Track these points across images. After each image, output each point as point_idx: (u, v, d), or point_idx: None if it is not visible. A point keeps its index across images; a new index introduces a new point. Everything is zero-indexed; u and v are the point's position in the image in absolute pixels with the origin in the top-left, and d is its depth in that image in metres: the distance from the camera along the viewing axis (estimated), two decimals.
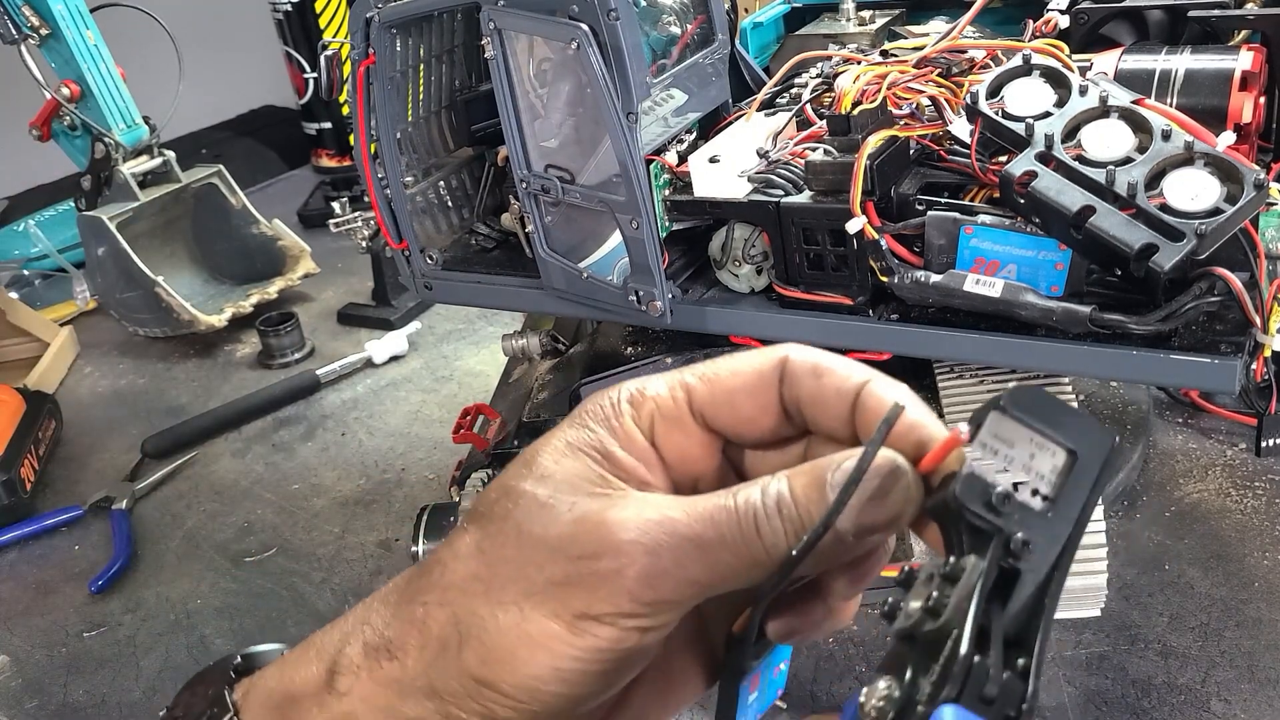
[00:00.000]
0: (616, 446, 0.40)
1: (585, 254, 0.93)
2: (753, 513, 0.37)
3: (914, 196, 0.82)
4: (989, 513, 0.33)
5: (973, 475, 0.34)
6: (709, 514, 0.37)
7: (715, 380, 0.41)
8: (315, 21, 2.21)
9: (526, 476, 0.40)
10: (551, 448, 0.40)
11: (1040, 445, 0.35)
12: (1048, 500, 0.35)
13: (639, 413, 0.41)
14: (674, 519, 0.37)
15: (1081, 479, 0.35)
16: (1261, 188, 0.71)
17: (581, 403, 0.42)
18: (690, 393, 0.41)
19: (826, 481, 0.37)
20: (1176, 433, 1.19)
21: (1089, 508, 0.35)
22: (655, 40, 0.93)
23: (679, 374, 0.42)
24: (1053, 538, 0.34)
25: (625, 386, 0.42)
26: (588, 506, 0.38)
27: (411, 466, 1.35)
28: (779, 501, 0.37)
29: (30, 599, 1.22)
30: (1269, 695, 0.88)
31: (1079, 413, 0.36)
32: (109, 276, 1.71)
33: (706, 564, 0.37)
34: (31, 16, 1.62)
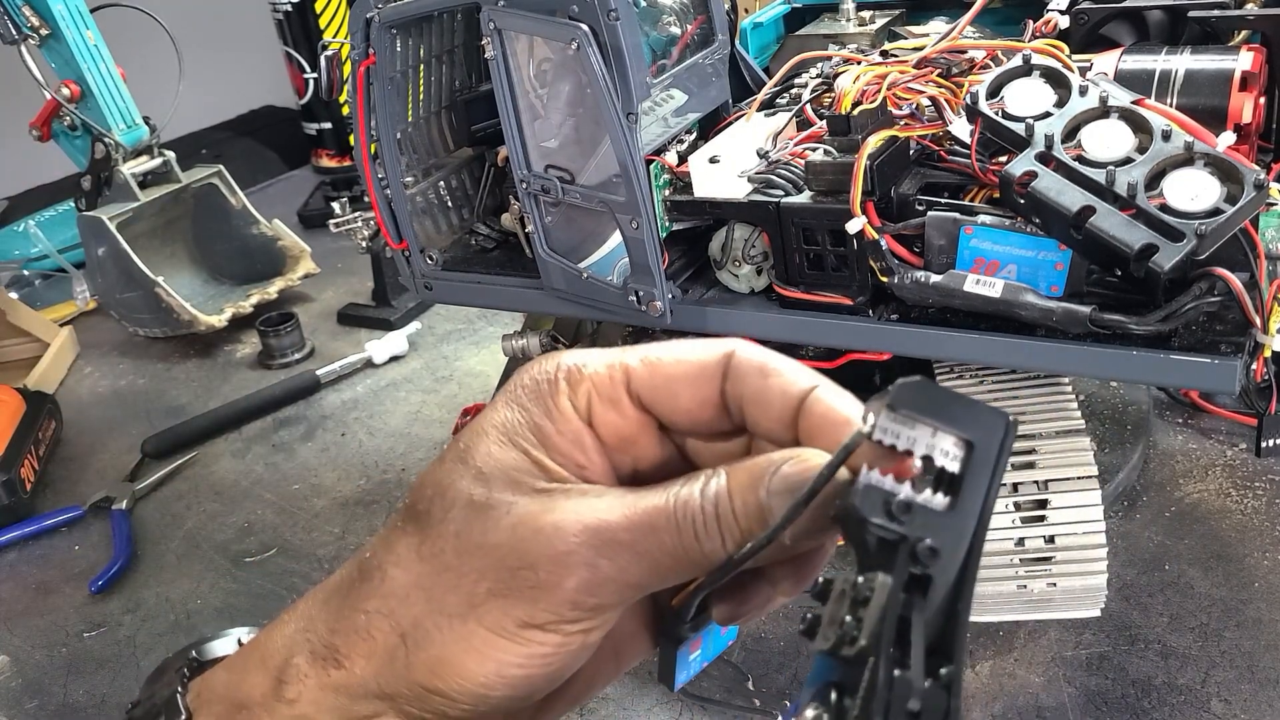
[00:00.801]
0: (551, 428, 0.39)
1: (585, 254, 0.93)
2: (691, 518, 0.36)
3: (914, 197, 0.83)
4: (891, 522, 0.32)
5: (870, 486, 0.33)
6: (647, 519, 0.36)
7: (656, 365, 0.40)
8: (315, 22, 2.21)
9: (463, 473, 0.39)
10: (486, 435, 0.39)
11: (937, 441, 0.34)
12: (949, 496, 0.33)
13: (575, 391, 0.39)
14: (611, 524, 0.36)
15: (980, 469, 0.33)
16: (1261, 188, 0.71)
17: (517, 373, 0.41)
18: (629, 374, 0.40)
19: (763, 485, 0.36)
20: (1176, 433, 1.19)
21: (990, 497, 0.33)
22: (655, 40, 0.93)
23: (620, 353, 0.40)
24: (958, 536, 0.33)
25: (562, 361, 0.40)
26: (525, 510, 0.37)
27: (412, 467, 1.35)
28: (717, 507, 0.36)
29: (30, 599, 1.22)
30: (1269, 696, 0.88)
31: (970, 400, 0.34)
32: (109, 277, 1.71)
33: (645, 568, 0.37)
34: (31, 17, 1.62)
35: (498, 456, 0.39)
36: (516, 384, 0.40)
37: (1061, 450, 0.85)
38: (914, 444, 0.33)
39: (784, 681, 0.95)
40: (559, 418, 0.39)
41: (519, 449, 0.39)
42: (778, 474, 0.36)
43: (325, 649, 0.39)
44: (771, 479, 0.36)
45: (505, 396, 0.40)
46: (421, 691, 0.37)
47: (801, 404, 0.38)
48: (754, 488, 0.36)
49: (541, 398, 0.39)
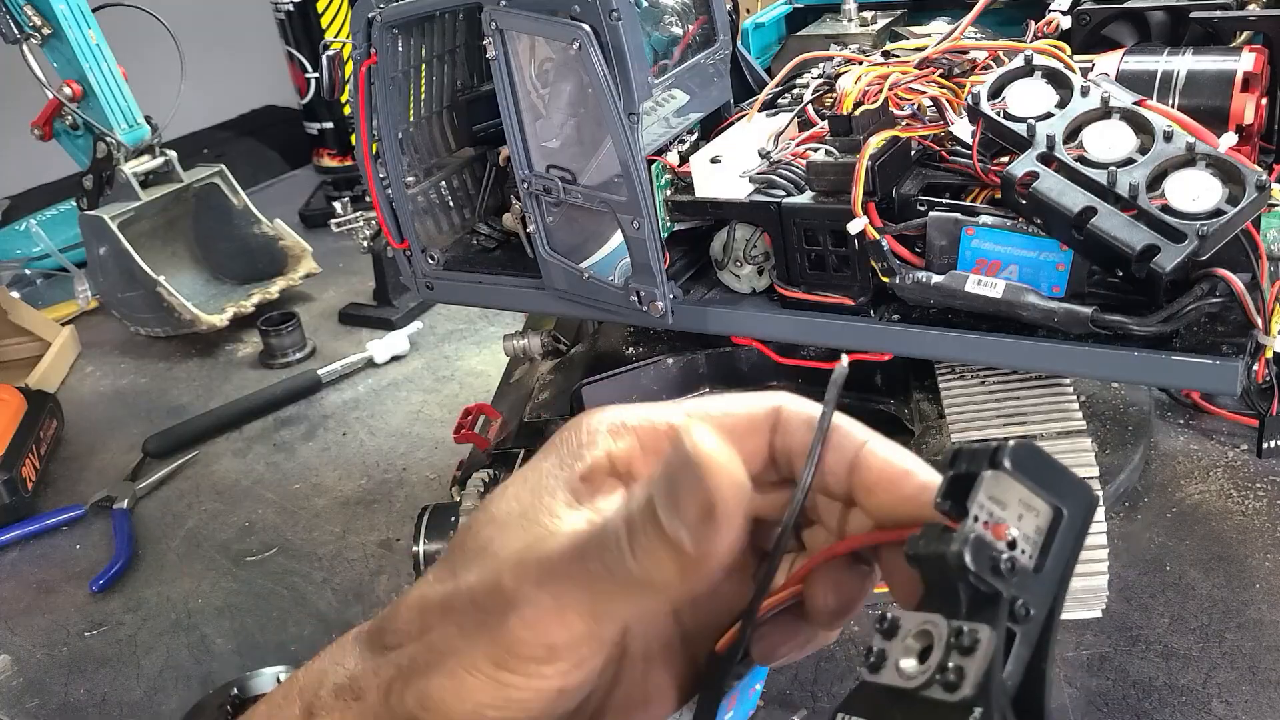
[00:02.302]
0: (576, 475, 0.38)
1: (587, 254, 0.93)
2: (613, 535, 0.35)
3: (915, 197, 0.82)
4: (995, 578, 0.33)
5: (981, 540, 0.33)
6: (575, 545, 0.36)
7: (704, 419, 0.39)
8: (317, 21, 2.21)
9: (485, 520, 0.39)
10: (515, 480, 0.39)
11: (1029, 503, 0.35)
12: (1036, 559, 0.35)
13: (615, 441, 0.39)
14: (547, 555, 0.36)
15: (1066, 537, 0.35)
16: (1263, 189, 0.71)
17: (563, 427, 0.41)
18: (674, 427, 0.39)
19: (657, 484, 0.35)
20: (1178, 434, 1.19)
21: (1072, 565, 0.35)
22: (657, 40, 0.93)
23: (665, 409, 0.40)
24: (1044, 598, 0.34)
25: (612, 415, 0.40)
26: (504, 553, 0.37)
27: (413, 466, 1.35)
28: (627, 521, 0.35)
29: (31, 598, 1.22)
30: (1270, 697, 0.88)
31: (1063, 469, 0.35)
32: (110, 276, 1.71)
33: (584, 596, 0.35)
34: (34, 16, 1.62)
35: (513, 502, 0.39)
36: (559, 438, 0.40)
37: (1063, 451, 0.85)
38: (1008, 504, 0.35)
39: (784, 682, 0.95)
40: (588, 468, 0.39)
41: (535, 495, 0.38)
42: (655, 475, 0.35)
43: (348, 680, 0.40)
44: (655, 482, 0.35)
45: (545, 448, 0.40)
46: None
47: (855, 459, 0.38)
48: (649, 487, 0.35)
49: (577, 448, 0.39)
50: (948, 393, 0.92)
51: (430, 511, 0.94)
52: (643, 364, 1.05)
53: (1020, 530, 0.34)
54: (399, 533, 1.22)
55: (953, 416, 0.89)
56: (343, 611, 1.12)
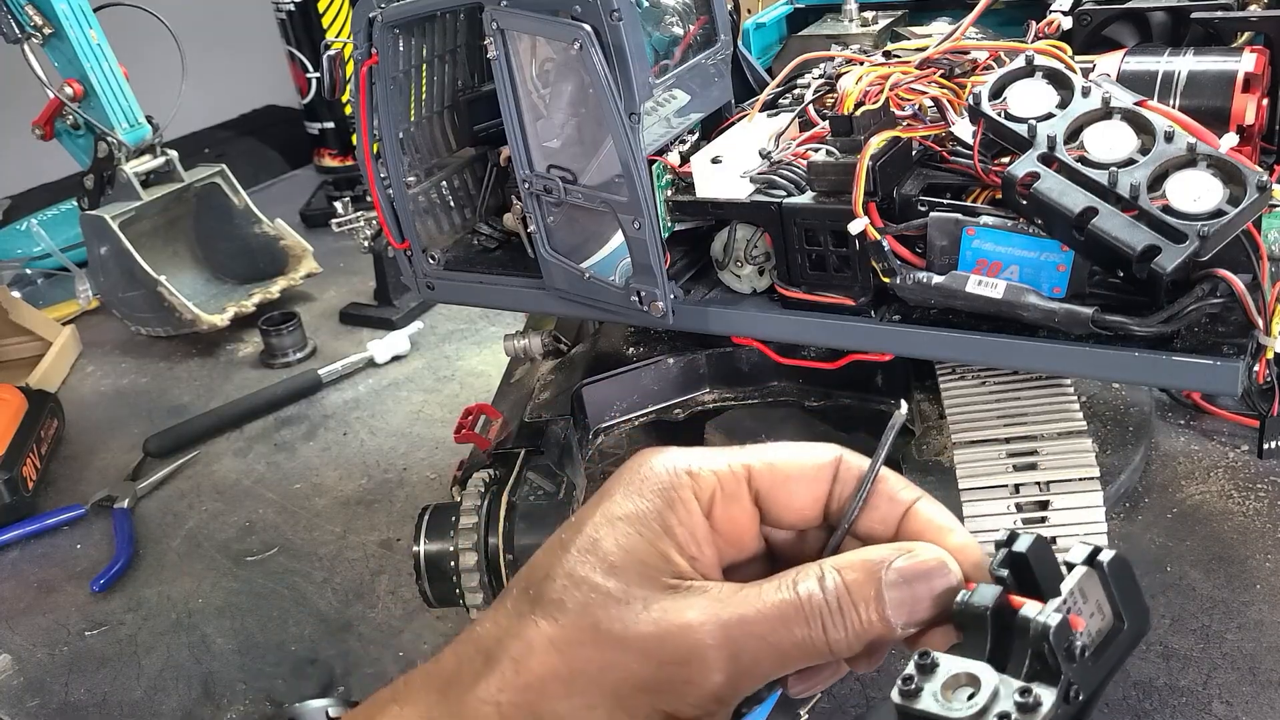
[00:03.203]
0: (675, 521, 0.41)
1: (587, 254, 0.93)
2: (818, 611, 0.39)
3: (916, 197, 0.82)
4: (1065, 659, 0.37)
5: (1065, 624, 0.37)
6: (779, 614, 0.39)
7: (775, 466, 0.43)
8: (318, 21, 2.21)
9: (594, 565, 0.40)
10: (611, 525, 0.41)
11: (1101, 606, 0.40)
12: (1092, 654, 0.39)
13: (699, 485, 0.42)
14: (748, 619, 0.39)
15: (1119, 648, 0.40)
16: (1264, 189, 0.71)
17: (631, 465, 0.43)
18: (751, 473, 0.43)
19: (880, 578, 0.40)
20: (1178, 435, 1.19)
21: (1113, 674, 0.39)
22: (658, 41, 0.93)
23: (736, 454, 0.44)
24: (1092, 687, 0.38)
25: (682, 458, 0.43)
26: (663, 606, 0.39)
27: (413, 466, 1.35)
28: (839, 600, 0.39)
29: (32, 598, 1.22)
30: (1271, 697, 0.88)
31: (1140, 591, 0.41)
32: (111, 276, 1.71)
33: (776, 659, 0.39)
34: (35, 15, 1.62)
35: (627, 547, 0.41)
36: (635, 477, 0.43)
37: (1063, 452, 0.85)
38: (1085, 599, 0.39)
39: None
40: (682, 510, 0.42)
41: (646, 540, 0.41)
42: (892, 568, 0.40)
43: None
44: (888, 572, 0.40)
45: (624, 488, 0.43)
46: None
47: (906, 511, 0.43)
48: (871, 581, 0.40)
49: (665, 492, 0.42)
50: (948, 393, 0.92)
51: (431, 511, 0.94)
52: (643, 364, 1.05)
53: (1088, 628, 0.39)
54: (399, 533, 1.22)
55: (953, 417, 0.89)
56: (343, 611, 1.12)
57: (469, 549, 0.90)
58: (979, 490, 0.84)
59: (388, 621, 1.09)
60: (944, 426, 0.90)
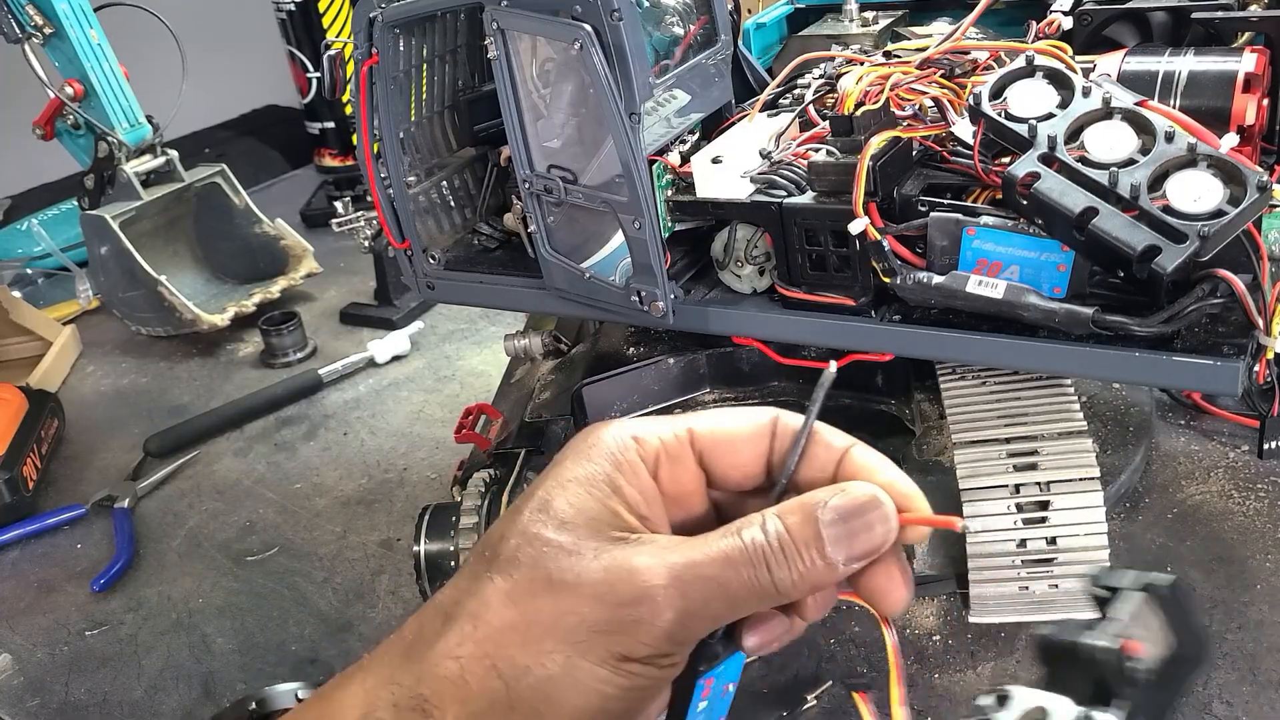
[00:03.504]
0: (623, 481, 0.43)
1: (587, 254, 0.93)
2: (762, 553, 0.41)
3: (916, 197, 0.82)
4: (1128, 683, 0.38)
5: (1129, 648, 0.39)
6: (725, 555, 0.41)
7: (716, 429, 0.46)
8: (318, 21, 2.21)
9: (546, 522, 0.42)
10: (563, 488, 0.43)
11: (1161, 635, 0.40)
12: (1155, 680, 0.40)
13: (644, 449, 0.45)
14: (696, 562, 0.41)
15: (1180, 676, 0.41)
16: (1265, 190, 0.71)
17: (580, 436, 0.45)
18: (694, 436, 0.46)
19: (817, 518, 0.41)
20: (1179, 435, 1.19)
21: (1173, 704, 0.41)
22: (658, 41, 0.93)
23: (678, 419, 0.46)
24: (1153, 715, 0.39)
25: (629, 426, 0.45)
26: (614, 553, 0.41)
27: (413, 466, 1.36)
28: (780, 540, 0.41)
29: (32, 597, 1.22)
30: (1271, 698, 0.88)
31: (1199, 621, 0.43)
32: (112, 275, 1.71)
33: (726, 600, 0.41)
34: (35, 15, 1.62)
35: (578, 505, 0.43)
36: (583, 445, 0.45)
37: (1064, 452, 0.85)
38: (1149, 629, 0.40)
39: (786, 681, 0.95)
40: (629, 472, 0.44)
41: (596, 499, 0.43)
42: (828, 506, 0.42)
43: (412, 700, 0.41)
44: (824, 511, 0.41)
45: (576, 455, 0.45)
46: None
47: (842, 458, 0.45)
48: (810, 522, 0.42)
49: (613, 455, 0.44)
50: (949, 393, 0.92)
51: (431, 511, 0.95)
52: (644, 364, 1.05)
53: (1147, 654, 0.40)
54: (400, 532, 1.23)
55: (954, 417, 0.89)
56: (343, 611, 1.12)
57: (469, 549, 0.90)
58: (979, 490, 0.84)
59: (388, 621, 1.09)
60: (944, 426, 0.90)
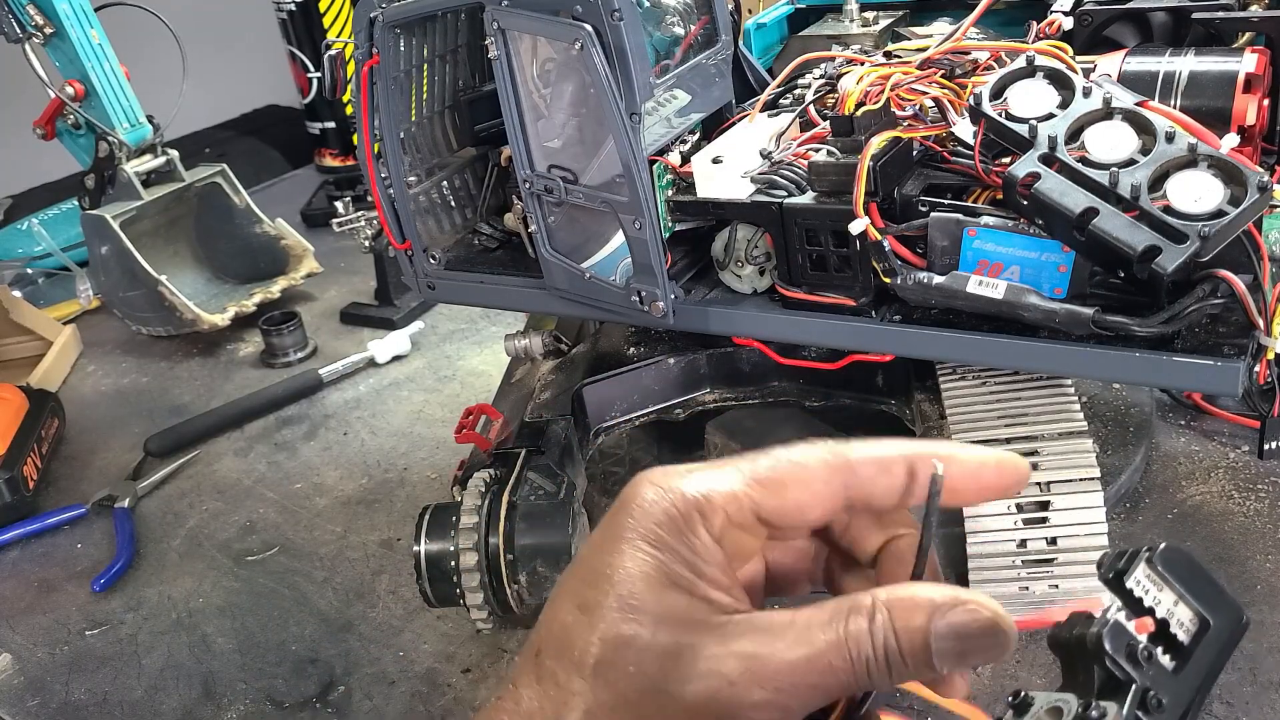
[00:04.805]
0: (702, 562, 0.41)
1: (588, 254, 0.93)
2: (865, 657, 0.39)
3: (917, 198, 0.83)
4: (1130, 664, 0.35)
5: (1119, 625, 0.36)
6: (825, 659, 0.39)
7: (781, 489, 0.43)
8: (319, 21, 2.21)
9: (638, 621, 0.40)
10: (644, 577, 0.40)
11: (1178, 608, 0.37)
12: (1177, 661, 0.37)
13: (709, 521, 0.42)
14: (793, 665, 0.39)
15: (1211, 646, 0.38)
16: (1265, 190, 0.71)
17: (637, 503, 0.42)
18: (755, 499, 0.42)
19: (931, 632, 0.39)
20: (1179, 435, 1.19)
21: (1213, 675, 0.37)
22: (659, 41, 0.93)
23: (739, 475, 0.43)
24: (1178, 698, 0.36)
25: (684, 489, 0.42)
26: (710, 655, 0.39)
27: (414, 466, 1.35)
28: (886, 646, 0.39)
29: (32, 597, 1.22)
30: (1272, 698, 0.88)
31: (1218, 584, 0.38)
32: (112, 275, 1.71)
33: (819, 698, 0.40)
34: (36, 15, 1.62)
35: (668, 602, 0.40)
36: (646, 519, 0.42)
37: (1064, 452, 0.85)
38: (1158, 603, 0.37)
39: None
40: (704, 550, 0.41)
41: (683, 589, 0.41)
42: (945, 621, 0.39)
43: None
44: (938, 624, 0.39)
45: (640, 535, 0.42)
46: None
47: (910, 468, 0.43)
48: (921, 631, 0.39)
49: (682, 534, 0.41)
50: (949, 393, 0.92)
51: (431, 511, 0.94)
52: (644, 364, 1.05)
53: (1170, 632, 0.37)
54: (400, 532, 1.22)
55: (954, 417, 0.89)
56: (344, 611, 1.12)
57: (469, 549, 0.90)
58: None
59: (388, 621, 1.09)
60: (944, 427, 0.90)
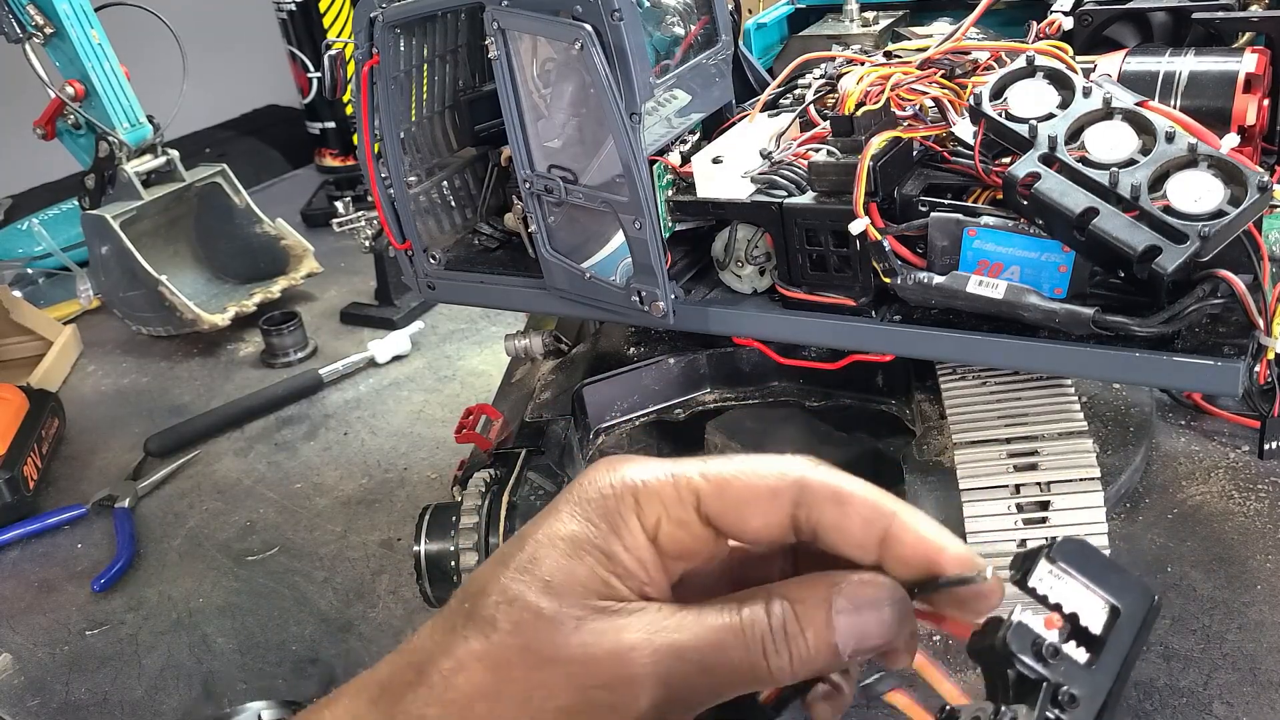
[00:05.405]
0: (620, 547, 0.40)
1: (588, 254, 0.93)
2: (760, 637, 0.38)
3: (917, 198, 0.82)
4: (1038, 662, 0.34)
5: (1023, 625, 0.35)
6: (716, 638, 0.38)
7: (726, 487, 0.41)
8: (319, 21, 2.21)
9: (530, 584, 0.39)
10: (553, 546, 0.40)
11: (1087, 600, 0.36)
12: (1091, 653, 0.36)
13: (643, 510, 0.41)
14: (682, 644, 0.38)
15: (1123, 635, 0.36)
16: (1265, 190, 0.71)
17: (580, 482, 0.42)
18: (699, 496, 0.41)
19: (830, 604, 0.38)
20: (1179, 435, 1.19)
21: (1130, 663, 0.36)
22: (659, 41, 0.93)
23: (684, 471, 0.41)
24: (1095, 690, 0.35)
25: (627, 475, 0.41)
26: (596, 628, 0.38)
27: (414, 466, 1.36)
28: (785, 625, 0.38)
29: (33, 597, 1.22)
30: (1271, 698, 0.88)
31: (1122, 570, 0.37)
32: (112, 275, 1.71)
33: (711, 685, 0.38)
34: (36, 15, 1.62)
35: (566, 570, 0.39)
36: (581, 496, 0.41)
37: (1064, 452, 0.85)
38: (1063, 598, 0.36)
39: None
40: (628, 537, 0.40)
41: (587, 565, 0.40)
42: (842, 594, 0.38)
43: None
44: (837, 599, 0.38)
45: (571, 507, 0.41)
46: None
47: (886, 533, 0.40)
48: (821, 607, 0.38)
49: (610, 516, 0.41)
50: (949, 393, 0.92)
51: (431, 511, 0.95)
52: (644, 364, 1.05)
53: (1080, 625, 0.36)
54: (400, 532, 1.23)
55: (954, 417, 0.89)
56: (344, 611, 1.12)
57: (470, 549, 0.90)
58: (979, 490, 0.84)
59: (388, 621, 1.09)
60: (944, 427, 0.90)
